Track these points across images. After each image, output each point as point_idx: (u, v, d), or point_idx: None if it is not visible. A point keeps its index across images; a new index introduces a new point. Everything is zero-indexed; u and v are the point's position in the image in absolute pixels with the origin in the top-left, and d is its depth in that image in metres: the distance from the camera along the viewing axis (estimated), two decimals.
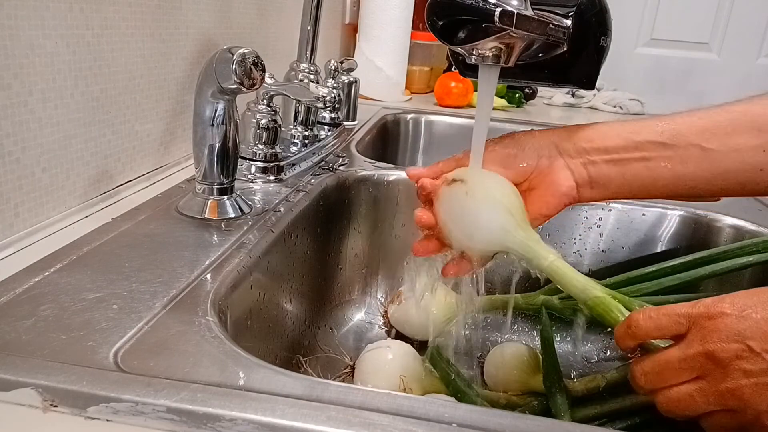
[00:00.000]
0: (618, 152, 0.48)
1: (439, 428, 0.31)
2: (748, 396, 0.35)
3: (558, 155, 0.49)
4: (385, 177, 0.78)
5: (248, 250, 0.51)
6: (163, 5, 0.64)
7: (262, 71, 0.52)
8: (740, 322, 0.36)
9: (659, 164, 0.47)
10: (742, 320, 0.36)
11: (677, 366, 0.38)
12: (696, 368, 0.37)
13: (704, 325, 0.37)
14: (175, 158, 0.72)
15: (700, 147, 0.46)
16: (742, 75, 2.22)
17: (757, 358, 0.35)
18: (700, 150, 0.46)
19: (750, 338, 0.35)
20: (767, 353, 0.35)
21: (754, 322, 0.35)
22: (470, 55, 0.44)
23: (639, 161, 0.47)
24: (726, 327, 0.36)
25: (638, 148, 0.47)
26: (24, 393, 0.32)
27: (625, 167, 0.48)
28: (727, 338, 0.36)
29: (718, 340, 0.36)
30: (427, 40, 1.49)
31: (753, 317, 0.36)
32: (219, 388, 0.32)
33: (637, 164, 0.47)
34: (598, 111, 1.55)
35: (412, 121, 1.26)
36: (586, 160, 0.48)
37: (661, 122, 0.48)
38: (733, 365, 0.36)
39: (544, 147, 0.50)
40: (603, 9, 0.47)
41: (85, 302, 0.40)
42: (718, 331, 0.36)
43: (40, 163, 0.50)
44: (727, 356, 0.36)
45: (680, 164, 0.46)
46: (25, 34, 0.46)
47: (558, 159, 0.49)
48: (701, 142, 0.46)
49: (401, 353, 0.58)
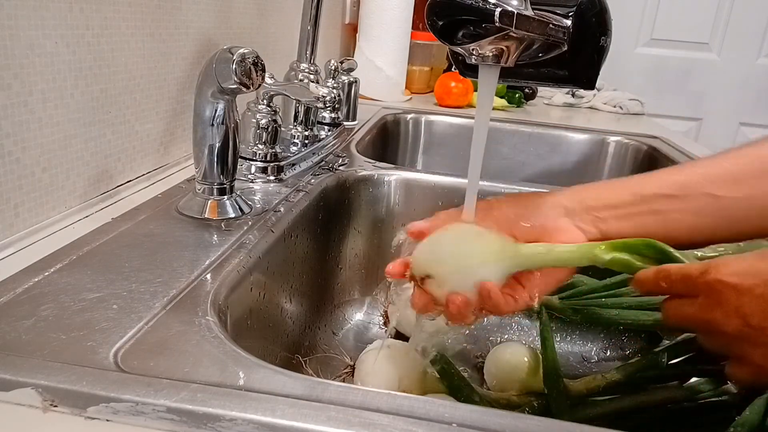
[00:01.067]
0: (626, 207, 0.47)
1: (439, 428, 0.31)
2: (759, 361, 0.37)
3: (565, 215, 0.48)
4: (385, 177, 0.78)
5: (248, 250, 0.51)
6: (163, 5, 0.64)
7: (262, 71, 0.52)
8: (738, 296, 0.36)
9: (671, 216, 0.46)
10: (741, 294, 0.36)
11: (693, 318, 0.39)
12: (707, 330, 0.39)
13: (709, 293, 0.38)
14: (175, 158, 0.72)
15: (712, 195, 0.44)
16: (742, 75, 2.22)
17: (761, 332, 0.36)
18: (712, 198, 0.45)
19: (750, 314, 0.36)
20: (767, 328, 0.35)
21: (751, 297, 0.36)
22: (470, 55, 0.44)
23: (649, 215, 0.46)
24: (726, 301, 0.37)
25: (646, 202, 0.46)
26: (24, 393, 0.32)
27: (636, 222, 0.46)
28: (729, 312, 0.37)
29: (721, 313, 0.37)
30: (427, 40, 1.49)
31: (751, 291, 0.36)
32: (219, 388, 0.32)
33: (648, 218, 0.46)
34: (598, 111, 1.55)
35: (412, 121, 1.26)
36: (594, 217, 0.47)
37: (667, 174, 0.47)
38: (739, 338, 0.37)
39: (551, 207, 0.48)
40: (603, 9, 0.47)
41: (85, 302, 0.40)
42: (720, 304, 0.37)
43: (40, 163, 0.50)
44: (730, 329, 0.37)
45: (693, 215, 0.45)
46: (25, 34, 0.46)
47: (565, 219, 0.48)
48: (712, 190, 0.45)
49: (401, 353, 0.58)
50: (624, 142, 1.21)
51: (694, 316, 0.39)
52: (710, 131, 2.27)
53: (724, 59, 2.20)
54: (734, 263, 0.37)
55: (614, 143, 1.22)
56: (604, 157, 1.23)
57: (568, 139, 1.23)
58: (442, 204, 0.77)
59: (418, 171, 0.81)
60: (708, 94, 2.24)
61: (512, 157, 1.24)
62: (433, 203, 0.77)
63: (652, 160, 1.14)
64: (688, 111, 2.27)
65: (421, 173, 0.80)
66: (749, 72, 2.20)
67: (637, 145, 1.20)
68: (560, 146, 1.23)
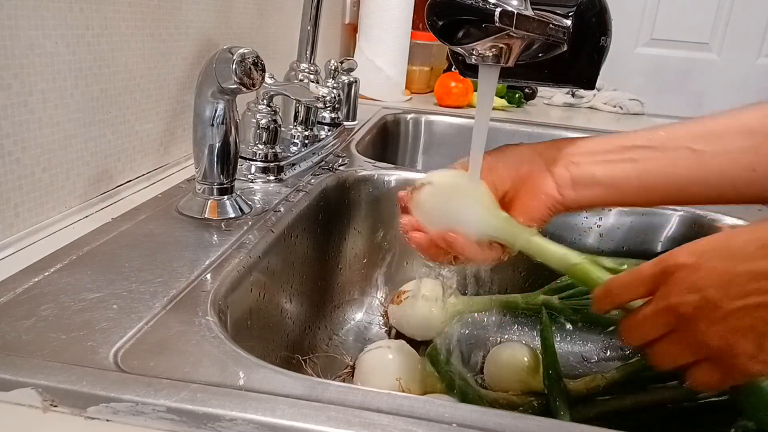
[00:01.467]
0: (603, 155, 0.48)
1: (439, 428, 0.31)
2: (717, 344, 0.36)
3: (540, 161, 0.49)
4: (385, 177, 0.78)
5: (248, 250, 0.51)
6: (163, 5, 0.64)
7: (262, 71, 0.52)
8: (694, 272, 0.36)
9: (646, 165, 0.46)
10: (696, 270, 0.36)
11: (651, 322, 0.39)
12: (667, 323, 0.38)
13: (665, 281, 0.38)
14: (175, 158, 0.72)
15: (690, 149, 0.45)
16: (742, 75, 2.22)
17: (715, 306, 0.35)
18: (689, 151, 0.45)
19: (705, 287, 0.35)
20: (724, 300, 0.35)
21: (707, 272, 0.36)
22: (470, 55, 0.44)
23: (625, 162, 0.47)
24: (683, 279, 0.36)
25: (626, 151, 0.47)
26: (24, 393, 0.32)
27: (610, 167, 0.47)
28: (685, 290, 0.36)
29: (678, 293, 0.37)
30: (427, 40, 1.49)
31: (706, 266, 0.36)
32: (219, 388, 0.32)
33: (624, 164, 0.47)
34: (598, 111, 1.55)
35: (412, 121, 1.26)
36: (568, 161, 0.48)
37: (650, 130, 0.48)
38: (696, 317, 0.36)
39: (527, 155, 0.50)
40: (603, 9, 0.47)
41: (85, 302, 0.40)
42: (677, 284, 0.37)
43: (40, 163, 0.50)
44: (688, 309, 0.36)
45: (670, 165, 0.46)
46: (25, 34, 0.46)
47: (539, 165, 0.49)
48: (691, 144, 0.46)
49: (401, 353, 0.58)
50: None
51: (651, 313, 0.38)
52: None
53: (724, 59, 2.20)
54: (687, 247, 0.38)
55: None
56: None
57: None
58: None
59: (418, 171, 0.81)
60: (708, 94, 2.24)
61: None
62: None
63: None
64: (688, 111, 2.26)
65: (421, 173, 0.80)
66: (749, 72, 2.20)
67: None
68: None
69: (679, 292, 0.37)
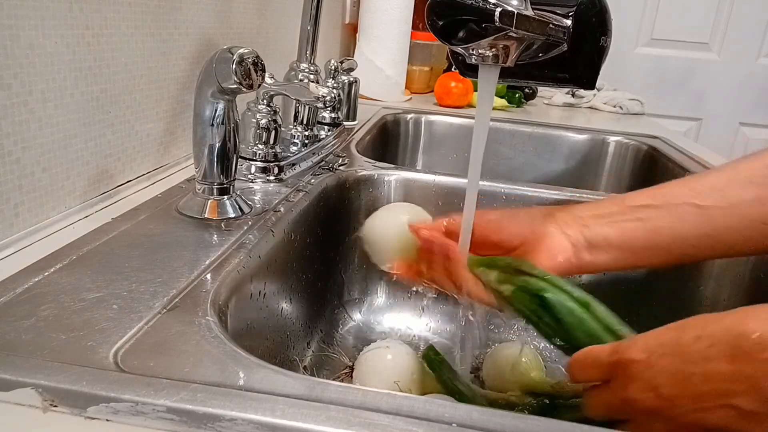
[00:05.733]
0: (612, 216, 0.49)
1: (439, 428, 0.31)
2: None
3: (554, 223, 0.50)
4: (385, 177, 0.78)
5: (248, 250, 0.51)
6: (163, 5, 0.64)
7: (262, 71, 0.52)
8: (648, 369, 0.36)
9: (654, 223, 0.47)
10: (650, 367, 0.36)
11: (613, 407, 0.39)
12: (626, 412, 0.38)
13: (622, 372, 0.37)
14: (175, 158, 0.72)
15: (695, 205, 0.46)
16: (742, 75, 2.22)
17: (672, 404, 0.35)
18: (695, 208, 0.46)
19: (660, 386, 0.35)
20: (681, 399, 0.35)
21: (659, 369, 0.35)
22: (470, 55, 0.44)
23: (633, 221, 0.48)
24: (638, 375, 0.36)
25: (631, 211, 0.49)
26: (24, 393, 0.32)
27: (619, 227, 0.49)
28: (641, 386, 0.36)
29: (634, 389, 0.36)
30: (427, 40, 1.49)
31: (658, 364, 0.35)
32: (219, 388, 0.32)
33: (631, 224, 0.48)
34: (598, 111, 1.55)
35: (412, 121, 1.26)
36: (581, 225, 0.50)
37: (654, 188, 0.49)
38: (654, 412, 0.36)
39: (539, 216, 0.51)
40: (603, 9, 0.47)
41: (85, 302, 0.40)
42: (632, 379, 0.36)
43: (40, 163, 0.50)
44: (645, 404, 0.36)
45: (677, 222, 0.46)
46: (25, 34, 0.46)
47: (553, 226, 0.50)
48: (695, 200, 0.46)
49: (400, 354, 0.58)
50: (624, 142, 1.21)
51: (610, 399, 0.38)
52: (710, 131, 2.28)
53: (724, 59, 2.20)
54: (641, 340, 0.37)
55: (614, 143, 1.22)
56: (604, 157, 1.23)
57: (568, 139, 1.23)
58: (442, 204, 0.77)
59: (418, 171, 0.81)
60: (708, 94, 2.24)
61: (512, 157, 1.24)
62: (433, 203, 0.77)
63: (652, 160, 1.14)
64: (688, 111, 2.27)
65: (421, 173, 0.80)
66: (749, 72, 2.20)
67: (637, 145, 1.20)
68: (560, 146, 1.23)
69: (635, 388, 0.36)
